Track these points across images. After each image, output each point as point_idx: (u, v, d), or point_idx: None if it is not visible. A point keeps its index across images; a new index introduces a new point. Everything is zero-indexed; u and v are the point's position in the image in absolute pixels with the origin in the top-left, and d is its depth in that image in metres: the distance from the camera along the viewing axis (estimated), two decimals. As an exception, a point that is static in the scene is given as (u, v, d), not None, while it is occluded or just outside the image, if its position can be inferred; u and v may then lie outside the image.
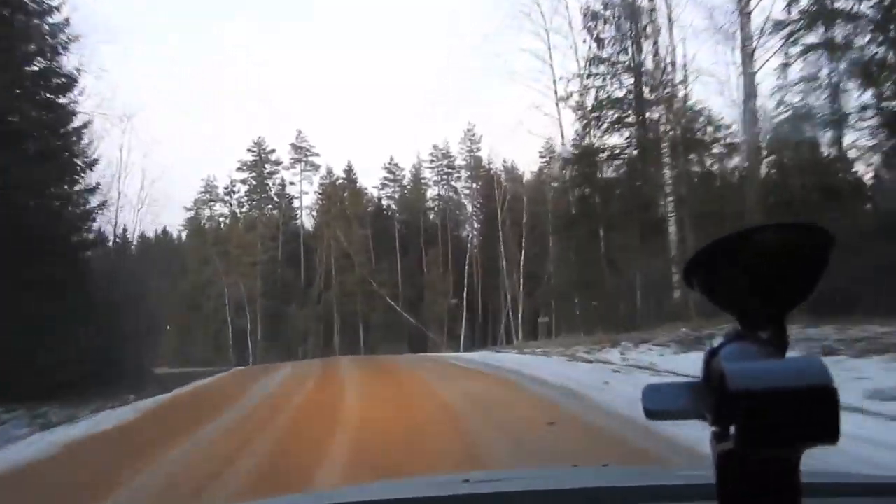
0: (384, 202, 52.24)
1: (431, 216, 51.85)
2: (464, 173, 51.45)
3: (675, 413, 0.61)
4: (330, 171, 50.01)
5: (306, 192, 51.22)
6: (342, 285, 45.25)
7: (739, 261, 0.62)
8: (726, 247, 0.62)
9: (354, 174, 50.23)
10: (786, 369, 0.54)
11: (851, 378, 7.11)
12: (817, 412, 0.51)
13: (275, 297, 45.99)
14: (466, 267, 46.10)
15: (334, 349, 44.89)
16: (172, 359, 49.74)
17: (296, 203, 51.62)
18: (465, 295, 45.42)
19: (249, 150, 49.97)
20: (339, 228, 45.66)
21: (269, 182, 50.65)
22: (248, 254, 45.57)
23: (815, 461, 0.67)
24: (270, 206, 49.89)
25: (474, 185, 50.38)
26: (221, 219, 50.50)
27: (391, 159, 52.04)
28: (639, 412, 0.65)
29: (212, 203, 49.96)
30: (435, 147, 51.90)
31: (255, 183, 49.69)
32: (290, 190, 51.25)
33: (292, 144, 50.51)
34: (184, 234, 50.70)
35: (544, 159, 51.66)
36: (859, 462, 3.82)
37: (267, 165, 50.25)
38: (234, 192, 49.50)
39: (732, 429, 0.53)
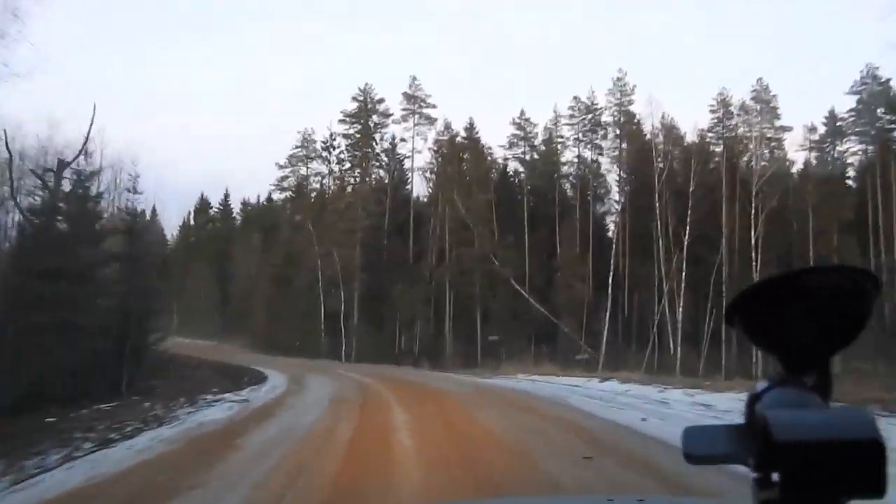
0: (511, 165, 44.61)
1: (568, 184, 43.83)
2: (611, 132, 42.87)
3: (716, 458, 0.61)
4: (448, 127, 42.86)
5: (419, 151, 44.31)
6: (458, 262, 38.05)
7: (785, 302, 0.63)
8: (772, 288, 0.64)
9: (477, 131, 42.89)
10: (833, 420, 0.55)
11: None
12: (864, 466, 0.52)
13: (377, 273, 39.49)
14: (614, 245, 37.69)
15: (445, 341, 37.93)
16: (256, 343, 44.89)
17: (406, 164, 44.94)
18: (610, 281, 37.07)
19: (355, 98, 43.67)
20: (458, 194, 38.39)
21: (376, 137, 44.15)
22: (347, 220, 39.25)
23: None
24: (376, 164, 43.36)
25: (623, 145, 41.72)
26: (318, 178, 44.49)
27: (521, 114, 44.24)
28: None
29: (308, 160, 44.05)
30: (576, 99, 43.69)
31: (359, 137, 43.23)
32: (400, 148, 44.66)
33: (404, 94, 43.78)
34: (276, 197, 44.95)
35: (716, 114, 42.93)
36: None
37: (374, 118, 43.73)
38: (333, 148, 43.29)
39: (775, 476, 0.55)
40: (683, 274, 35.79)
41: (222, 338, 50.67)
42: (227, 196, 66.97)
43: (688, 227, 35.57)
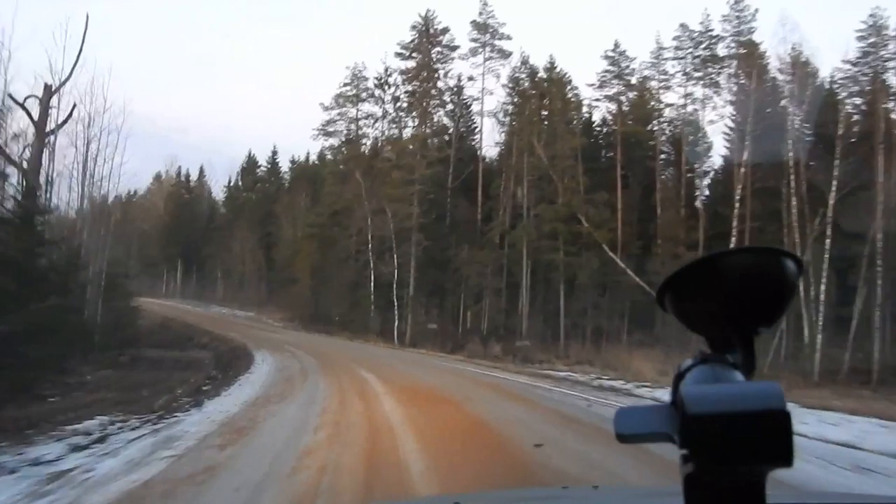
0: (602, 109, 37.52)
1: (668, 133, 36.57)
2: (726, 67, 35.21)
3: (645, 436, 0.63)
4: (525, 62, 35.98)
5: (490, 92, 37.72)
6: (537, 224, 31.57)
7: (708, 284, 0.67)
8: (696, 270, 0.67)
9: (560, 69, 35.98)
10: (742, 393, 0.58)
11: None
12: (773, 436, 0.55)
13: (438, 235, 33.40)
14: (737, 205, 30.43)
15: (519, 318, 31.67)
16: (299, 316, 39.77)
17: (474, 107, 38.44)
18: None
19: (413, 26, 37.24)
20: (538, 141, 31.80)
21: (439, 74, 37.69)
22: (403, 170, 33.22)
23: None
24: (438, 105, 36.97)
25: (743, 82, 34.09)
26: (370, 121, 38.35)
27: (615, 46, 36.94)
28: None
29: (359, 100, 37.93)
30: (683, 28, 36.15)
31: (418, 73, 36.85)
32: (468, 89, 38.15)
33: (473, 23, 37.08)
34: (322, 145, 38.99)
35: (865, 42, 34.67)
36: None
37: (436, 51, 37.26)
38: (388, 85, 36.98)
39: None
40: (828, 243, 28.41)
41: (263, 309, 45.95)
42: (274, 153, 62.24)
43: (834, 185, 28.16)
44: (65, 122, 23.82)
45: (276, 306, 44.85)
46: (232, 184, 65.03)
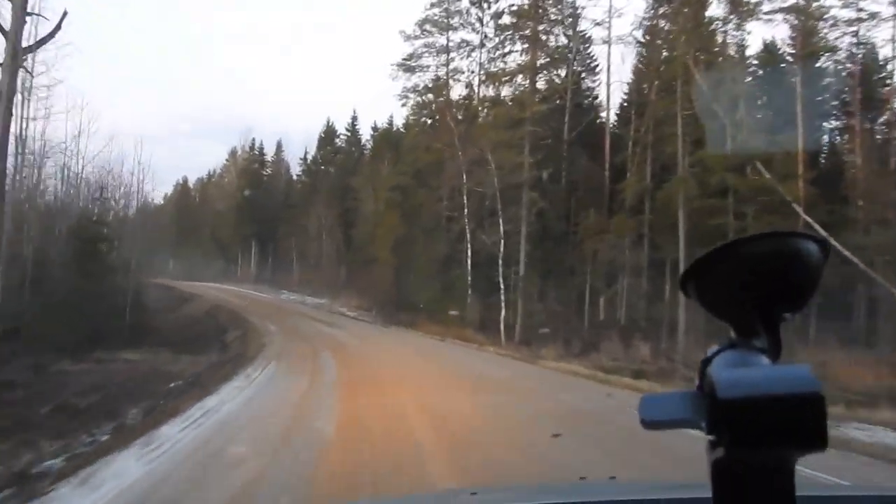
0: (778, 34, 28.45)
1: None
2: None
3: (671, 423, 0.64)
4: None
5: (619, 13, 29.36)
6: (693, 177, 23.27)
7: (732, 271, 0.66)
8: (721, 256, 0.66)
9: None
10: (775, 376, 0.58)
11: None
12: (805, 419, 0.55)
13: (554, 199, 25.67)
14: None
15: (667, 306, 23.58)
16: (379, 303, 32.90)
17: (597, 34, 30.19)
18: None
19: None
20: (695, 66, 23.40)
21: (549, 8, 29.54)
22: (509, 108, 25.61)
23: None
24: (553, 22, 28.68)
25: None
26: (465, 50, 30.42)
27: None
28: None
29: (449, 28, 30.10)
30: None
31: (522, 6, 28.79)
32: (589, 10, 29.94)
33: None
34: (403, 87, 31.50)
35: None
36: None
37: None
38: (482, 22, 29.11)
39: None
40: None
41: (338, 295, 39.67)
42: (354, 120, 55.90)
43: None
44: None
45: (354, 291, 38.47)
46: (308, 156, 59.39)
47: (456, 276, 25.57)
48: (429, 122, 30.60)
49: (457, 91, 28.73)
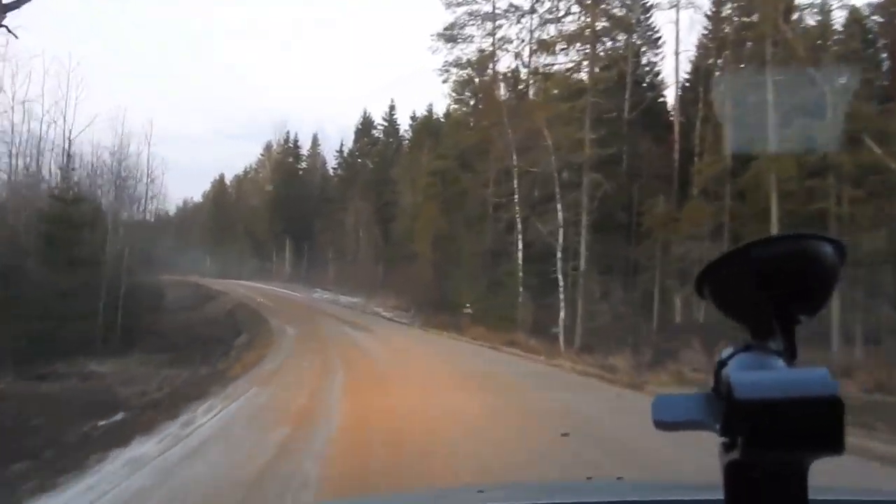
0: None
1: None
2: None
3: (685, 424, 0.63)
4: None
5: (690, 5, 25.89)
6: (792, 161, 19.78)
7: (746, 274, 0.65)
8: (737, 257, 0.66)
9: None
10: (792, 379, 0.58)
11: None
12: (822, 422, 0.55)
13: (617, 184, 22.41)
14: None
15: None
16: (420, 302, 30.02)
17: (657, 17, 26.81)
18: None
19: None
20: (782, 21, 19.96)
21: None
22: (559, 96, 22.44)
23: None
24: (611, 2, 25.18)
25: None
26: (512, 18, 27.10)
27: None
28: None
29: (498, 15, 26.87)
30: None
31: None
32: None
33: None
34: (445, 62, 28.27)
35: None
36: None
37: None
38: None
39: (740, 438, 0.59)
40: None
41: (375, 293, 37.03)
42: (392, 109, 53.33)
43: None
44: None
45: (391, 290, 35.79)
46: (345, 149, 57.03)
47: (505, 272, 22.50)
48: (472, 99, 27.50)
49: (504, 63, 25.66)
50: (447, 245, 27.79)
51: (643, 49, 28.98)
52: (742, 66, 22.18)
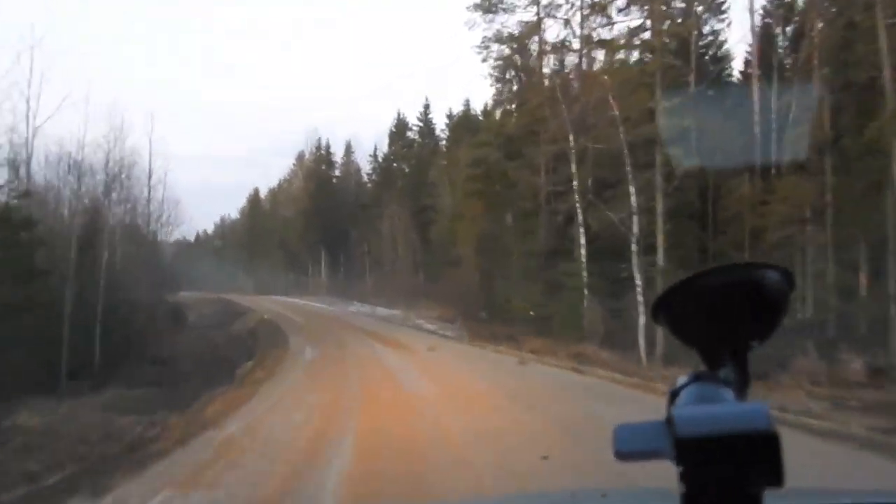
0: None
1: None
2: None
3: (646, 454, 0.63)
4: None
5: None
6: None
7: (696, 302, 0.68)
8: (686, 287, 0.69)
9: None
10: (730, 414, 0.59)
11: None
12: (760, 456, 0.55)
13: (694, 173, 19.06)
14: None
15: (865, 301, 16.74)
16: (464, 311, 26.90)
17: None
18: None
19: None
20: None
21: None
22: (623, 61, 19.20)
23: None
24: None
25: None
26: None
27: None
28: None
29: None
30: None
31: None
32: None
33: None
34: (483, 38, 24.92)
35: None
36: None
37: None
38: None
39: None
40: None
41: (415, 304, 34.19)
42: (426, 109, 50.63)
43: None
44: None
45: (433, 299, 32.91)
46: (379, 153, 54.54)
47: (564, 272, 19.27)
48: (515, 79, 24.35)
49: (552, 33, 22.46)
50: (494, 246, 24.73)
51: (705, 16, 25.71)
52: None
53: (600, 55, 20.20)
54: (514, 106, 23.63)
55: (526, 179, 21.20)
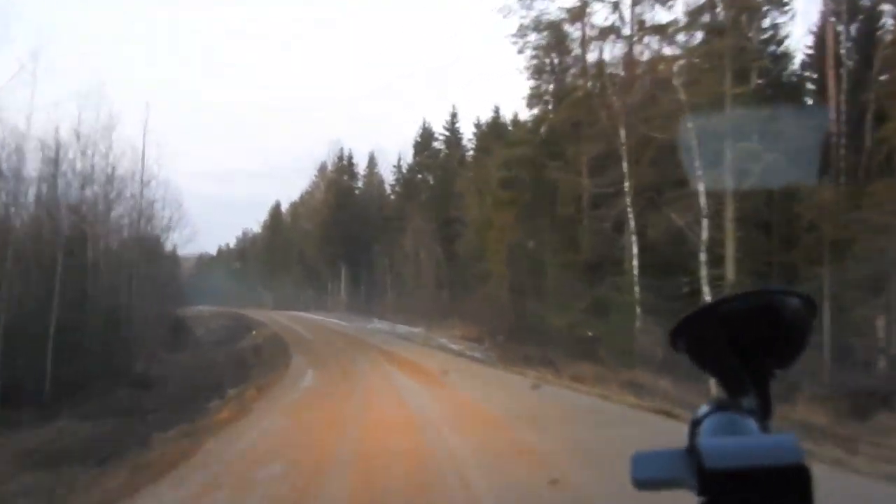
0: None
1: None
2: None
3: (665, 483, 0.62)
4: None
5: None
6: None
7: (718, 328, 0.67)
8: (706, 314, 0.68)
9: None
10: (759, 447, 0.57)
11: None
12: (791, 490, 0.54)
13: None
14: None
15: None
16: (490, 334, 24.33)
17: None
18: None
19: None
20: None
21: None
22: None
23: None
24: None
25: None
26: None
27: None
28: None
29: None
30: None
31: None
32: None
33: None
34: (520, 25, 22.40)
35: None
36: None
37: None
38: None
39: None
40: None
41: (440, 321, 31.84)
42: (453, 117, 48.35)
43: None
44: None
45: (458, 317, 30.61)
46: (403, 164, 52.38)
47: (614, 286, 16.70)
48: (553, 75, 21.91)
49: (600, 17, 20.03)
50: (527, 259, 22.30)
51: (766, 8, 23.20)
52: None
53: (653, 42, 17.75)
54: (550, 104, 21.18)
55: (566, 182, 18.71)
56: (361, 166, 58.19)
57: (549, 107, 20.83)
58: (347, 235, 52.74)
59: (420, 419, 9.96)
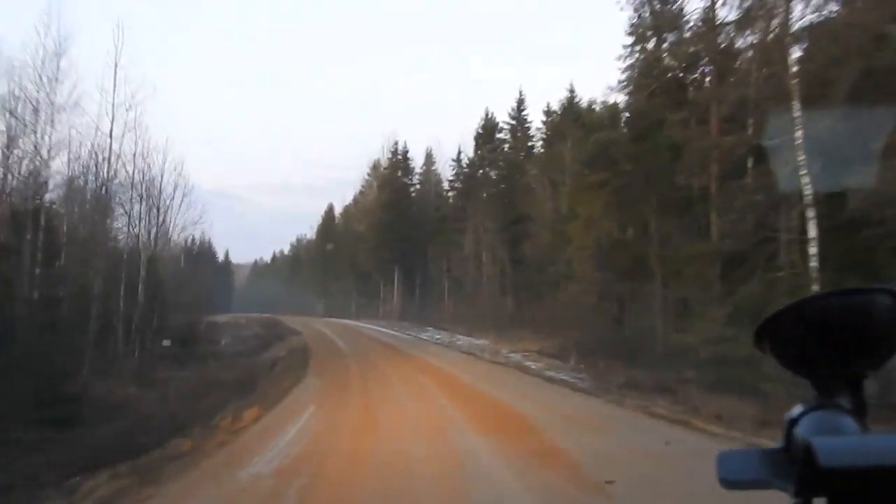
0: None
1: None
2: None
3: (753, 483, 0.62)
4: None
5: None
6: None
7: (805, 329, 0.66)
8: (798, 312, 0.67)
9: None
10: (878, 446, 0.57)
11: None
12: None
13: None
14: None
15: None
16: (576, 349, 19.32)
17: None
18: None
19: None
20: None
21: None
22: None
23: None
24: None
25: None
26: None
27: None
28: None
29: None
30: None
31: None
32: None
33: None
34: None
35: None
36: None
37: None
38: None
39: (818, 502, 0.58)
40: None
41: (507, 332, 27.27)
42: (520, 104, 43.62)
43: None
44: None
45: (528, 327, 25.96)
46: (463, 158, 47.93)
47: (772, 285, 11.71)
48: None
49: None
50: (626, 255, 17.44)
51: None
52: None
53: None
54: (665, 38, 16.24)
55: (693, 140, 13.65)
56: (417, 163, 54.14)
57: (664, 44, 15.89)
58: (402, 237, 48.79)
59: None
